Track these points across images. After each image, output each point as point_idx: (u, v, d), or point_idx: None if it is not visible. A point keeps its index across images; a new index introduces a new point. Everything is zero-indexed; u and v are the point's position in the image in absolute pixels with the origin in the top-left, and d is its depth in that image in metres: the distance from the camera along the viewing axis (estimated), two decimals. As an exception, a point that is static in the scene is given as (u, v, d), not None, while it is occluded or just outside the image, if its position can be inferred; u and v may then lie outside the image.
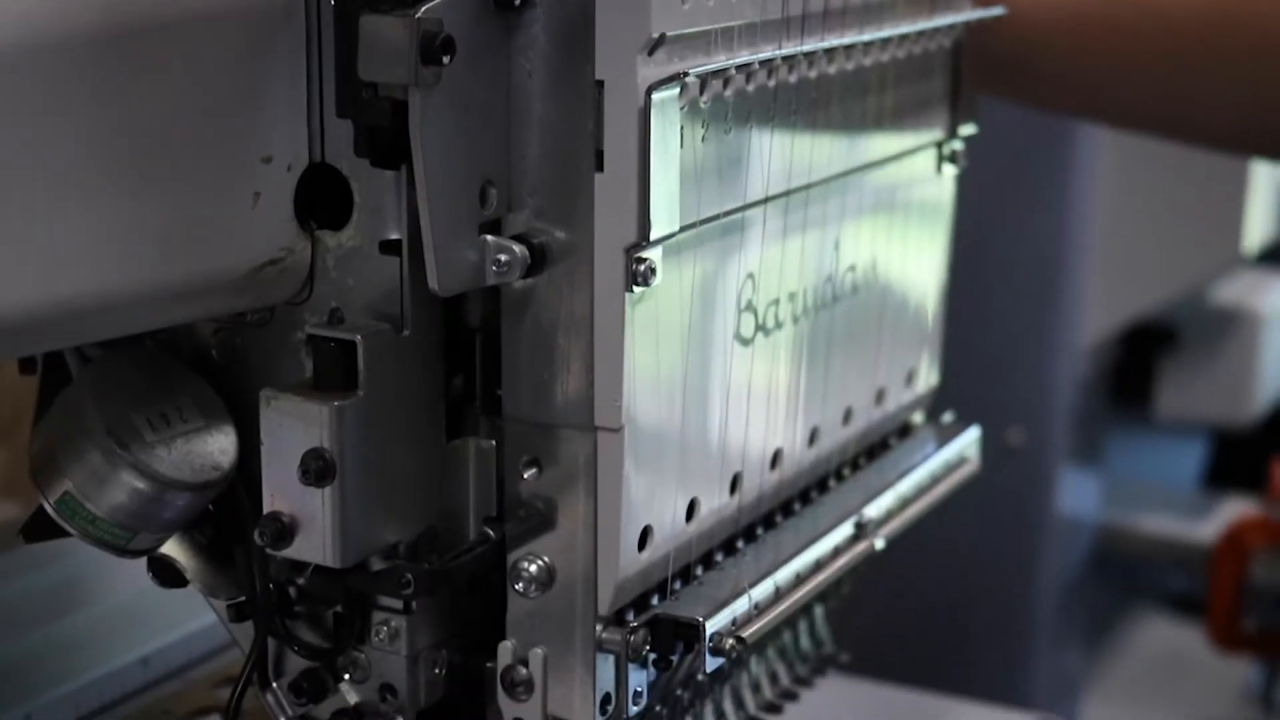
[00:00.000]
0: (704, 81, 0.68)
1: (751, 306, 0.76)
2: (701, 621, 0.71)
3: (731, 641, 0.72)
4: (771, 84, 0.73)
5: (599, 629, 0.71)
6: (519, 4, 0.66)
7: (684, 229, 0.69)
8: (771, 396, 0.79)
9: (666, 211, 0.67)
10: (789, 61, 0.73)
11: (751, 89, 0.72)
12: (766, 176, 0.74)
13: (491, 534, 0.72)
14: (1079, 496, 1.87)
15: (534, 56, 0.67)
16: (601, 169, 0.66)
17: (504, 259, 0.67)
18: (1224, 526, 1.90)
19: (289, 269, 0.68)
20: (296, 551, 0.68)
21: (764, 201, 0.75)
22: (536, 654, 0.71)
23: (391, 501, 0.69)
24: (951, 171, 0.92)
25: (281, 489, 0.67)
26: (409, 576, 0.69)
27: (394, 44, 0.62)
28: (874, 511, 0.84)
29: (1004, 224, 1.71)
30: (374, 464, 0.67)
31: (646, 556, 0.72)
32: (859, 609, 0.98)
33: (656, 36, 0.65)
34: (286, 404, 0.66)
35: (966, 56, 0.89)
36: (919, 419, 0.96)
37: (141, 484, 0.67)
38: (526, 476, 0.70)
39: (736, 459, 0.77)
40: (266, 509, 0.67)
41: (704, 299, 0.72)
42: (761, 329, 0.77)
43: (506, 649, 0.71)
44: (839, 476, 0.87)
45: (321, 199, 0.68)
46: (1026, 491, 1.80)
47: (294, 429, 0.66)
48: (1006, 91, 0.96)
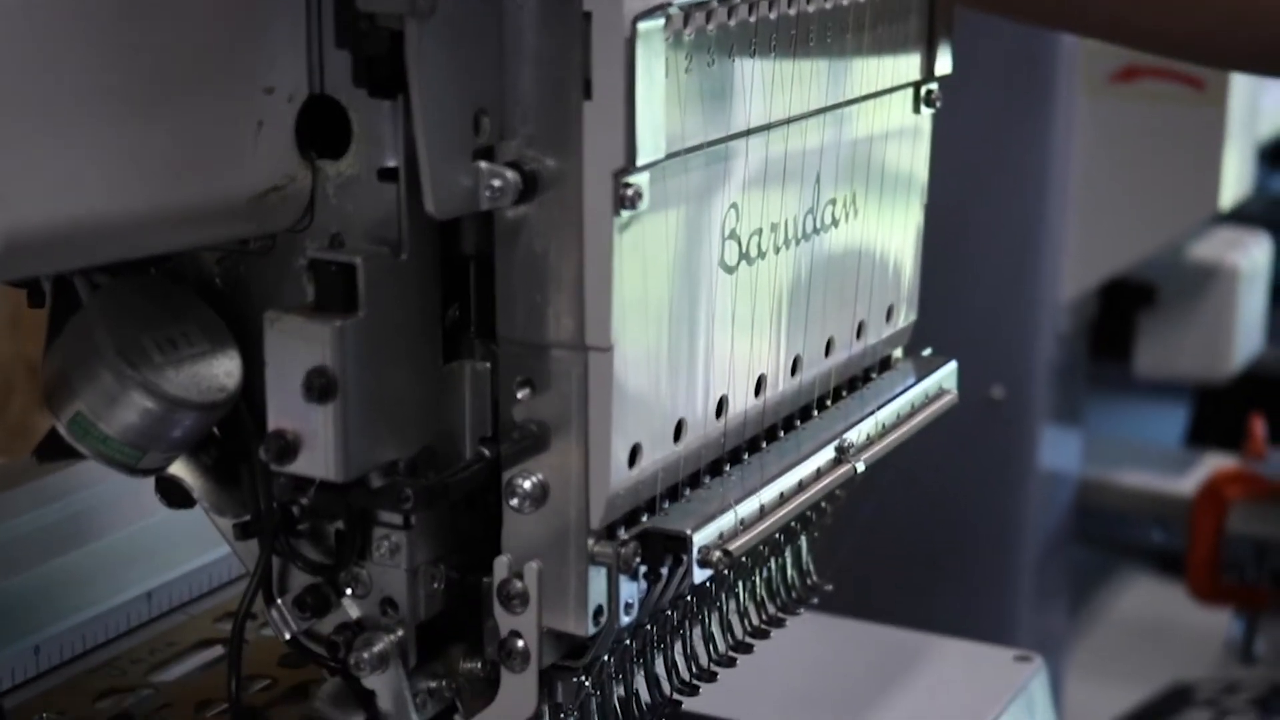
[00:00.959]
0: (687, 14, 0.71)
1: (735, 235, 0.79)
2: (689, 534, 0.74)
3: (719, 554, 0.75)
4: (752, 19, 0.76)
5: (591, 543, 0.73)
6: (511, -63, 0.68)
7: (669, 156, 0.72)
8: (755, 324, 0.82)
9: (652, 138, 0.70)
10: (769, -3, 0.76)
11: (733, 24, 0.75)
12: (749, 109, 0.77)
13: (487, 453, 0.75)
14: (1060, 452, 1.90)
15: (524, -12, 0.70)
16: (590, 97, 0.69)
17: (497, 184, 0.70)
18: (1204, 481, 1.93)
19: (290, 196, 0.70)
20: (300, 467, 0.70)
21: (746, 134, 0.78)
22: (531, 568, 0.74)
23: (391, 420, 0.72)
24: (929, 113, 0.95)
25: (285, 407, 0.70)
26: (408, 491, 0.72)
27: (390, -25, 0.65)
28: (855, 436, 0.87)
29: (983, 182, 1.74)
30: (374, 383, 0.70)
31: (636, 474, 0.74)
32: (842, 563, 1.00)
33: (642, -31, 0.68)
34: (290, 324, 0.69)
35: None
36: (898, 355, 0.98)
37: (151, 404, 0.70)
38: (520, 397, 0.73)
39: (722, 383, 0.80)
40: (271, 427, 0.70)
41: (689, 226, 0.75)
42: (745, 257, 0.80)
43: (502, 563, 0.74)
44: (821, 406, 0.90)
45: (321, 129, 0.71)
46: (1009, 446, 1.83)
47: (297, 349, 0.69)
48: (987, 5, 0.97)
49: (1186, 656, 2.12)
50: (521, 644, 0.74)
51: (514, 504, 0.74)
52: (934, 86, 0.94)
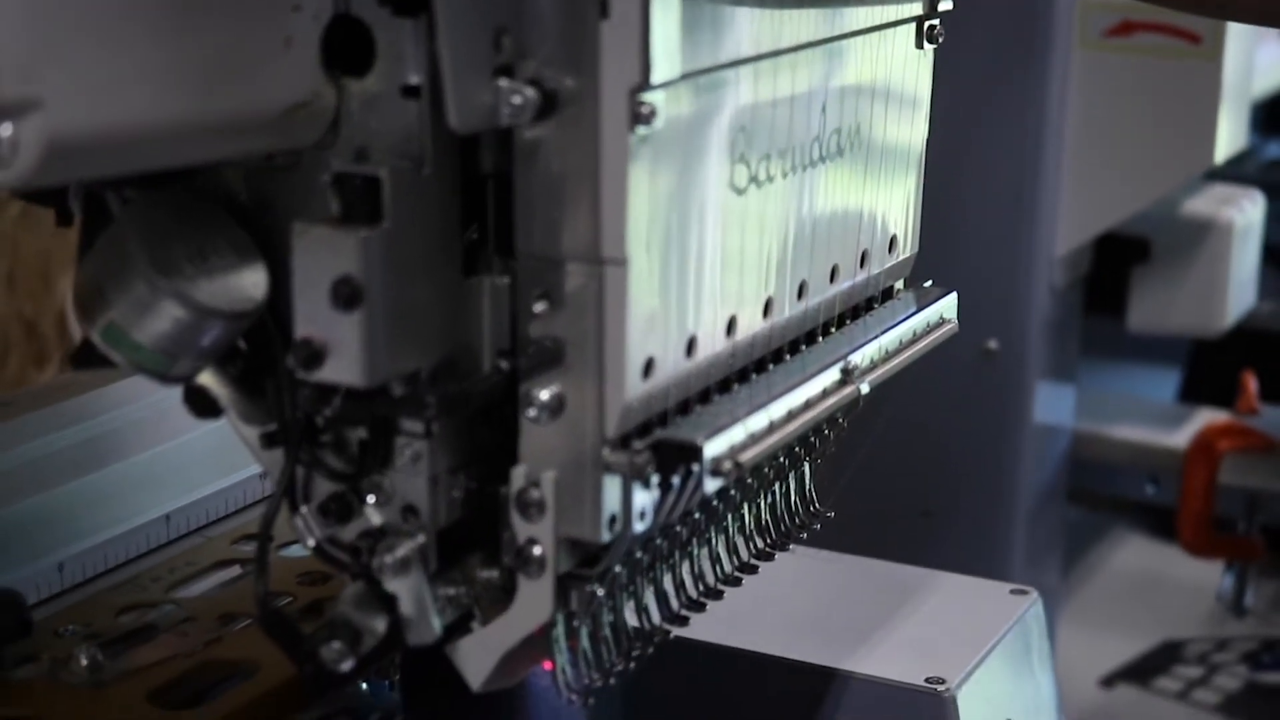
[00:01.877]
0: (701, -62, 0.74)
1: (744, 159, 0.81)
2: (701, 444, 0.77)
3: (729, 465, 0.78)
4: (764, -53, 0.79)
5: (606, 452, 0.76)
6: None
7: (684, 77, 0.74)
8: (763, 247, 0.84)
9: (667, 58, 0.72)
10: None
11: (745, -50, 0.77)
12: (758, 36, 0.80)
13: (505, 366, 0.77)
14: (1054, 405, 1.92)
15: (542, -91, 0.72)
16: (606, 16, 0.71)
17: (517, 101, 0.72)
18: (1196, 433, 1.95)
19: (316, 112, 0.73)
20: (327, 374, 0.73)
21: (756, 59, 0.80)
22: (548, 477, 0.76)
23: (413, 330, 0.74)
24: (930, 49, 0.97)
25: (312, 316, 0.73)
26: (430, 399, 0.74)
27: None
28: (859, 359, 0.90)
29: (979, 135, 1.76)
30: (397, 293, 0.73)
31: (649, 386, 0.77)
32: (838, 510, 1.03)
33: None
34: (317, 235, 0.72)
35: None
36: (899, 286, 1.01)
37: (182, 312, 0.73)
38: (538, 311, 0.76)
39: (732, 302, 0.82)
40: (299, 335, 0.73)
41: (700, 147, 0.78)
42: (754, 181, 0.82)
43: (520, 473, 0.77)
44: (825, 332, 0.92)
45: (346, 48, 0.73)
46: (1004, 399, 1.86)
47: (324, 258, 0.72)
48: None
49: (1177, 614, 2.15)
50: (538, 551, 0.77)
51: (531, 415, 0.76)
52: (936, 22, 0.96)
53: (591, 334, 0.75)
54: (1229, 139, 1.79)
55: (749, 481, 0.93)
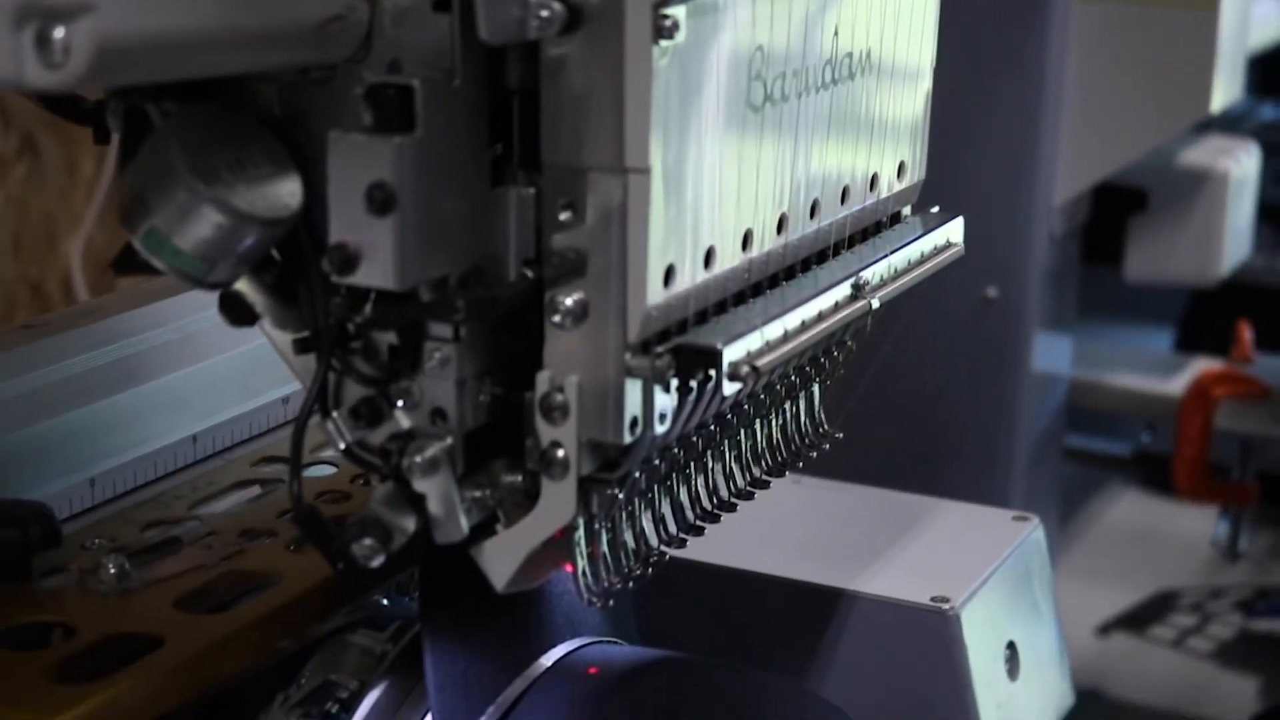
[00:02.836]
0: None
1: (761, 77, 0.84)
2: (720, 348, 0.80)
3: (746, 369, 0.81)
4: None
5: (628, 356, 0.79)
6: None
7: (704, -8, 0.77)
8: (778, 164, 0.87)
9: (689, -28, 0.75)
10: None
11: None
12: (774, -44, 0.83)
13: (530, 274, 0.80)
14: (1053, 353, 1.95)
15: None
16: (631, -70, 0.74)
17: (544, 14, 0.75)
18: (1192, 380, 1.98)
19: (350, 25, 0.75)
20: (360, 278, 0.76)
21: (772, -20, 0.83)
22: (571, 381, 0.79)
23: (443, 236, 0.77)
24: (939, -21, 1.00)
25: (347, 221, 0.75)
26: (459, 303, 0.77)
27: None
28: (870, 276, 0.92)
29: (980, 84, 1.79)
30: (429, 199, 0.75)
31: (669, 293, 0.80)
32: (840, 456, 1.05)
33: None
34: (353, 142, 0.75)
35: None
36: (907, 212, 1.04)
37: (221, 218, 0.75)
38: (563, 219, 0.78)
39: (748, 216, 0.85)
40: (333, 240, 0.75)
41: (720, 62, 0.80)
42: (769, 99, 0.85)
43: (544, 378, 0.79)
44: (837, 252, 0.95)
45: (378, -37, 0.76)
46: (1003, 347, 1.89)
47: (359, 165, 0.74)
48: None
49: (1172, 565, 2.18)
50: (561, 453, 0.80)
51: (556, 320, 0.79)
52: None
53: (615, 242, 0.78)
54: (1225, 90, 1.82)
55: (761, 397, 0.95)
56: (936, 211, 1.04)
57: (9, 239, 2.00)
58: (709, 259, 0.82)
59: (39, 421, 1.00)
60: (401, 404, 0.82)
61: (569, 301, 0.78)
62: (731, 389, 0.81)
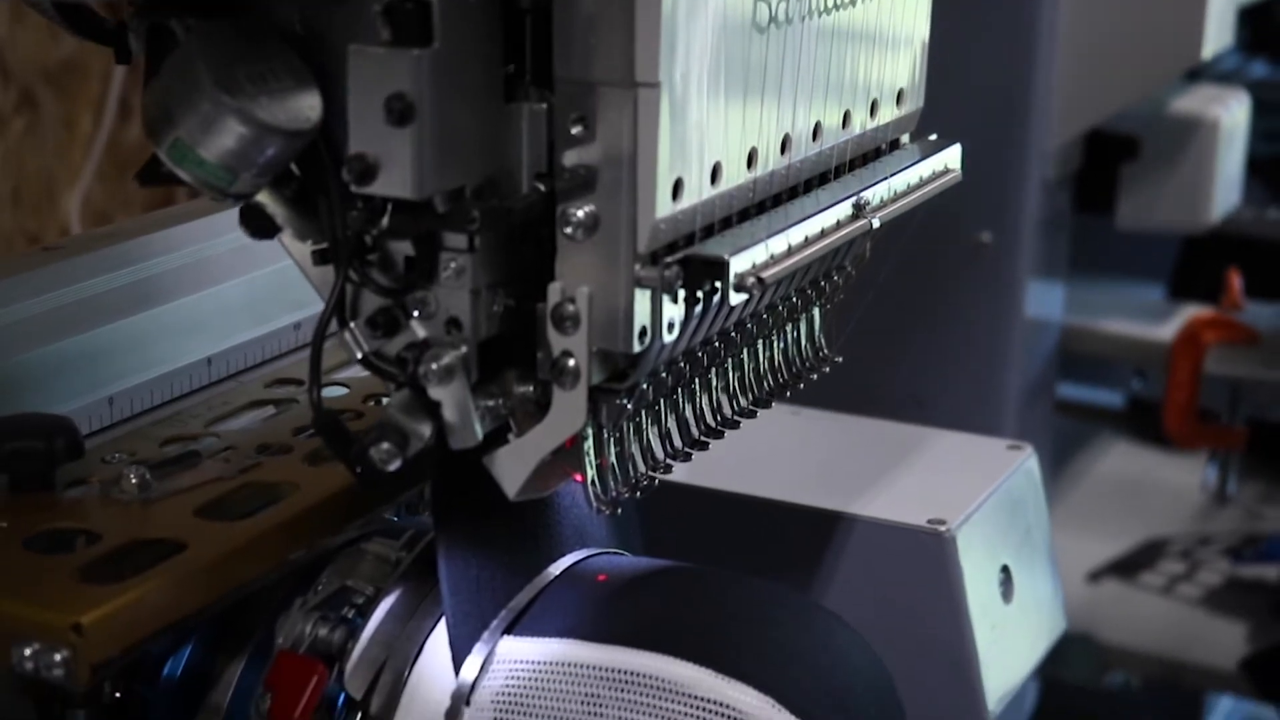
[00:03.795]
0: None
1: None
2: (727, 259, 0.82)
3: (753, 280, 0.83)
4: None
5: (637, 267, 0.81)
6: None
7: (711, -85, 0.79)
8: (782, 85, 0.89)
9: (699, -110, 0.78)
10: None
11: None
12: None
13: (542, 188, 0.82)
14: (1046, 298, 1.97)
15: None
16: None
17: (558, -70, 0.77)
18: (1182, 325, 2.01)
19: (369, -58, 0.78)
20: (379, 187, 0.78)
21: (778, -98, 0.85)
22: (583, 291, 0.81)
23: (459, 148, 0.79)
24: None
25: (366, 132, 0.78)
26: (475, 213, 0.79)
27: None
28: (871, 196, 0.95)
29: (973, 27, 1.81)
30: (446, 111, 0.78)
31: (677, 207, 0.82)
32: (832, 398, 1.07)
33: None
34: (373, 54, 0.77)
35: None
36: (906, 140, 1.06)
37: (244, 128, 0.78)
38: (574, 133, 0.81)
39: (753, 134, 0.87)
40: (353, 151, 0.78)
41: (727, -17, 0.83)
42: (774, 21, 0.87)
43: (556, 288, 0.82)
44: (838, 174, 0.97)
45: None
46: (996, 292, 1.91)
47: (379, 76, 0.77)
48: None
49: (1162, 514, 2.20)
50: (572, 363, 0.82)
51: (568, 231, 0.81)
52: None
53: (625, 155, 0.80)
54: (1216, 36, 1.83)
55: (764, 317, 0.98)
56: (934, 139, 1.06)
57: (8, 193, 2.02)
58: (715, 175, 0.85)
59: (59, 339, 1.02)
60: (417, 314, 0.84)
61: (580, 213, 0.81)
62: (738, 300, 0.84)
